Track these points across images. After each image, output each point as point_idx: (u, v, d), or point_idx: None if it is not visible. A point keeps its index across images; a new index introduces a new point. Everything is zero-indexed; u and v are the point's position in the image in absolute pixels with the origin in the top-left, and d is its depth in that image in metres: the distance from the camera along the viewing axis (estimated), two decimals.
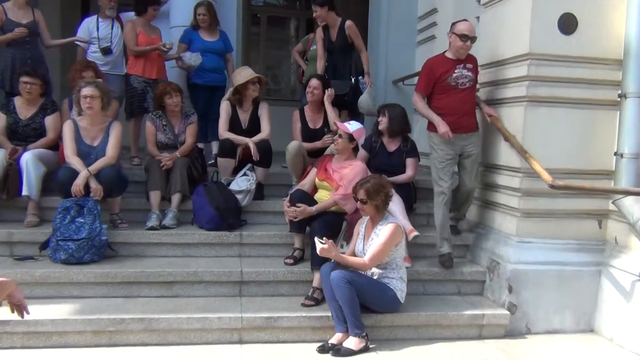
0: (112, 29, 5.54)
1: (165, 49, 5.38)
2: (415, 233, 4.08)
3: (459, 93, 4.14)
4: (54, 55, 6.95)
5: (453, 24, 4.15)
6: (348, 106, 5.28)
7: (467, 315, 3.84)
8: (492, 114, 4.25)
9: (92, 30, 5.51)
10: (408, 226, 4.11)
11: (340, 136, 4.17)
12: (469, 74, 4.16)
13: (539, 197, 4.06)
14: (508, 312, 3.92)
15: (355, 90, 5.15)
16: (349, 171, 4.11)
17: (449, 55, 4.20)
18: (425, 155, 5.87)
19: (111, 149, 4.24)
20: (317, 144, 4.76)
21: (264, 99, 5.12)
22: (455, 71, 4.12)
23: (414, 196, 4.72)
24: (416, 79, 6.24)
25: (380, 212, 3.57)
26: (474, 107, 4.29)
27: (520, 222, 4.09)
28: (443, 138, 4.09)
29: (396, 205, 4.13)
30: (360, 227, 3.73)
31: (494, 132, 4.31)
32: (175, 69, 5.76)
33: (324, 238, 3.42)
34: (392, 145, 4.58)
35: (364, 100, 5.10)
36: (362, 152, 4.56)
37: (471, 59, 4.22)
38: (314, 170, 4.34)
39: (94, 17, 5.58)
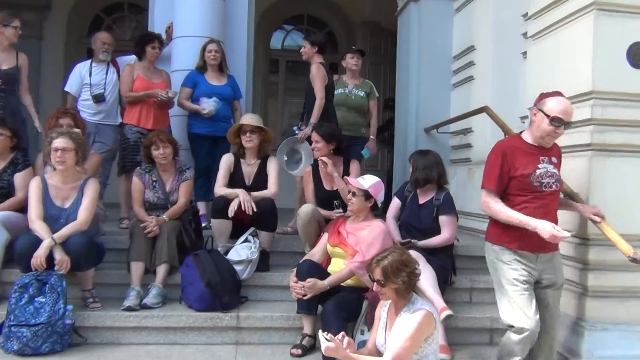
0: (106, 74, 5.27)
1: (163, 97, 5.02)
2: (448, 312, 3.54)
3: (543, 198, 3.06)
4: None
5: (542, 97, 3.10)
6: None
7: None
8: (599, 213, 3.20)
9: (85, 76, 5.24)
10: (439, 303, 3.58)
11: (353, 194, 3.71)
12: (555, 171, 3.11)
13: (614, 272, 3.41)
14: None
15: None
16: (367, 233, 3.65)
17: (527, 138, 3.13)
18: (465, 215, 5.33)
19: (83, 212, 3.78)
20: (333, 214, 4.24)
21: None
22: (540, 166, 3.06)
23: (453, 267, 4.14)
24: (451, 126, 6.06)
25: (404, 296, 2.97)
26: (557, 217, 3.21)
27: (591, 303, 3.46)
28: (520, 254, 3.04)
29: (426, 277, 3.60)
30: (382, 312, 3.13)
31: None
32: (176, 117, 5.40)
33: (329, 334, 2.80)
34: (423, 197, 4.10)
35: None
36: (395, 202, 4.24)
37: (556, 150, 3.20)
38: (325, 236, 3.90)
39: (88, 62, 5.34)
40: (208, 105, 5.08)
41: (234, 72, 5.56)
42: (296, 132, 4.94)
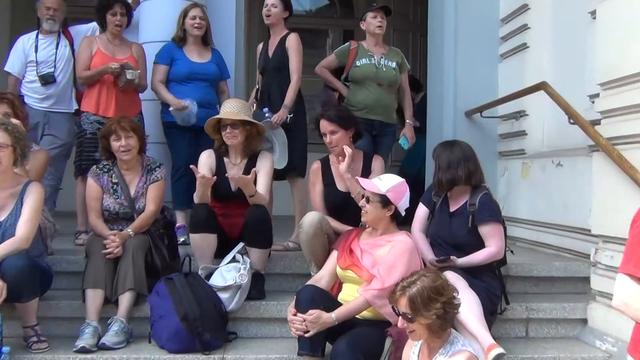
0: (56, 48, 5.32)
1: (113, 68, 4.97)
2: (498, 351, 3.46)
3: None
4: None
5: None
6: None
7: None
8: None
9: (29, 51, 5.30)
10: (486, 339, 3.52)
11: (367, 200, 3.64)
12: None
13: None
14: None
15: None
16: (388, 251, 3.59)
17: None
18: (518, 223, 5.20)
19: (23, 226, 3.75)
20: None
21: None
22: None
23: (503, 292, 4.08)
24: (500, 108, 6.01)
25: (438, 334, 2.91)
26: None
27: None
28: None
29: (468, 305, 3.53)
30: (411, 354, 3.09)
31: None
32: (147, 102, 5.43)
33: None
34: (455, 203, 4.07)
35: None
36: (421, 210, 4.21)
37: None
38: (334, 254, 3.85)
39: (33, 34, 5.39)
40: (190, 108, 5.07)
41: (220, 44, 5.60)
42: (266, 115, 4.92)
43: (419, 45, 8.24)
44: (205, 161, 4.40)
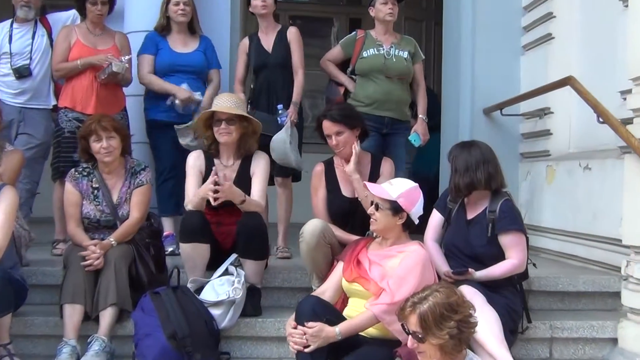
0: (32, 38, 5.35)
1: (108, 57, 4.99)
2: None
3: None
4: None
5: None
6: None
7: None
8: None
9: (3, 42, 5.32)
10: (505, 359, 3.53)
11: (377, 207, 3.63)
12: None
13: None
14: None
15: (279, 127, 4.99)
16: (398, 263, 3.59)
17: None
18: (541, 232, 5.20)
19: None
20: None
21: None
22: None
23: (524, 308, 4.08)
24: (522, 106, 6.02)
25: (452, 356, 2.93)
26: None
27: None
28: None
29: (487, 323, 3.53)
30: None
31: None
32: (129, 97, 5.45)
33: None
34: (473, 210, 4.08)
35: (278, 141, 4.84)
36: (435, 217, 4.25)
37: None
38: (339, 266, 3.86)
39: (7, 23, 5.42)
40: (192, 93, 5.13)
41: (213, 32, 5.64)
42: (280, 112, 4.97)
43: (433, 36, 8.23)
44: (194, 163, 4.40)
